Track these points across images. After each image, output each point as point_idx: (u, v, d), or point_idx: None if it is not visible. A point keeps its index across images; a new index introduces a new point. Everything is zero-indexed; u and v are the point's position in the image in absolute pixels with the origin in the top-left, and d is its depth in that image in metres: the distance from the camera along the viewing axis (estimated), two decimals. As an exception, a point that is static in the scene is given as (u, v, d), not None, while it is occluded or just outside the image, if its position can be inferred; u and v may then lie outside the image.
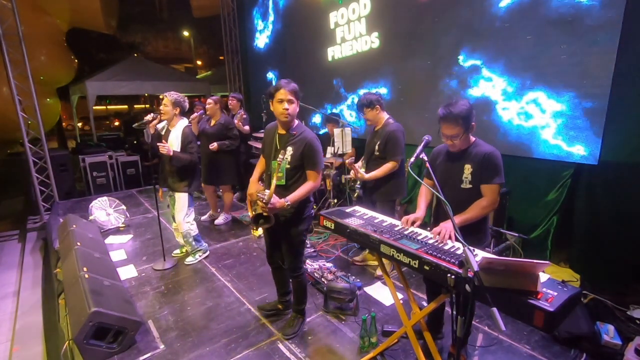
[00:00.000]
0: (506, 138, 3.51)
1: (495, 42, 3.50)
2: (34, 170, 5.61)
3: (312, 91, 6.29)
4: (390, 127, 3.11)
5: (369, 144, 3.27)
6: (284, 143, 2.31)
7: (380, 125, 3.19)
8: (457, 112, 1.89)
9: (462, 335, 1.48)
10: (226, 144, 4.48)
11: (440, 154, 2.18)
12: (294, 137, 2.30)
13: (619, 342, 2.33)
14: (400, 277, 2.13)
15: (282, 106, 2.20)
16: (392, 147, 3.04)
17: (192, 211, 3.68)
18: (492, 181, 1.94)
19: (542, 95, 3.20)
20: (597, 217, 3.01)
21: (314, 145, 2.27)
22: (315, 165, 2.28)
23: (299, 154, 2.27)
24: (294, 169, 2.30)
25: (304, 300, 2.65)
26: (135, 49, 17.02)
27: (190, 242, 3.75)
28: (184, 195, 3.53)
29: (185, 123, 3.50)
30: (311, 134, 2.32)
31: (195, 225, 3.77)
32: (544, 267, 1.36)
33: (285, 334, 2.56)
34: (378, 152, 3.13)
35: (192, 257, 3.81)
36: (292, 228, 2.39)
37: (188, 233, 3.67)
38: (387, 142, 3.06)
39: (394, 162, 3.05)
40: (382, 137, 3.10)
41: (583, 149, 2.98)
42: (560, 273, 3.15)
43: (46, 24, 7.34)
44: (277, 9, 7.19)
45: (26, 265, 4.23)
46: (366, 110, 3.16)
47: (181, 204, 3.56)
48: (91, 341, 2.33)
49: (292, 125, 2.33)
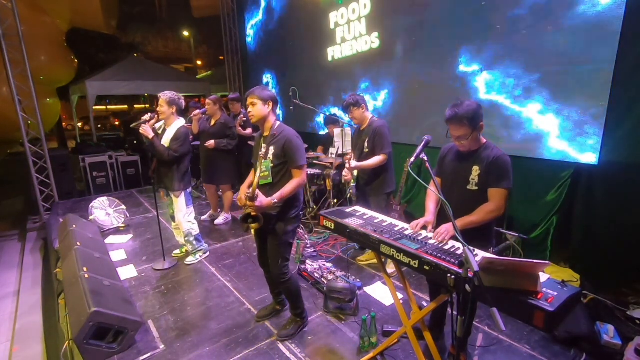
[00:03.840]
0: (506, 138, 3.51)
1: (495, 42, 3.49)
2: (34, 170, 5.61)
3: (312, 91, 6.29)
4: (376, 123, 3.31)
5: (356, 143, 3.47)
6: (267, 143, 2.41)
7: (366, 124, 3.38)
8: (463, 113, 1.89)
9: (462, 335, 1.48)
10: (223, 142, 4.49)
11: (450, 153, 2.18)
12: (275, 137, 2.39)
13: (619, 342, 2.33)
14: (400, 277, 2.13)
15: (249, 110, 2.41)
16: (380, 141, 3.23)
17: (192, 210, 3.69)
18: (500, 185, 1.91)
19: (542, 96, 3.20)
20: (597, 217, 3.01)
21: (292, 142, 2.33)
22: (295, 162, 2.34)
23: (281, 152, 2.35)
24: (278, 166, 2.37)
25: (297, 305, 2.61)
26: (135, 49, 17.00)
27: (192, 242, 3.76)
28: (179, 193, 3.55)
29: (181, 123, 3.51)
30: (290, 132, 2.40)
31: (197, 225, 3.78)
32: (544, 267, 1.36)
33: (279, 335, 2.56)
34: (367, 148, 3.31)
35: (192, 257, 3.81)
36: (277, 226, 2.40)
37: (189, 233, 3.68)
38: (375, 137, 3.25)
39: (384, 155, 3.23)
40: (370, 134, 3.29)
41: (583, 150, 2.98)
42: (560, 273, 3.14)
43: (46, 24, 7.33)
44: (275, 9, 7.19)
45: (26, 265, 4.24)
46: (353, 109, 3.33)
47: (179, 203, 3.57)
48: (91, 341, 2.33)
49: (272, 126, 2.42)
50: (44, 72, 7.18)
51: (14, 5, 5.16)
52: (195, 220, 3.77)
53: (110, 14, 8.84)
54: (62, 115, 10.41)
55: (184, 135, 3.46)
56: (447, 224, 1.89)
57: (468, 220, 1.91)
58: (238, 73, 9.29)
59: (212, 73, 13.25)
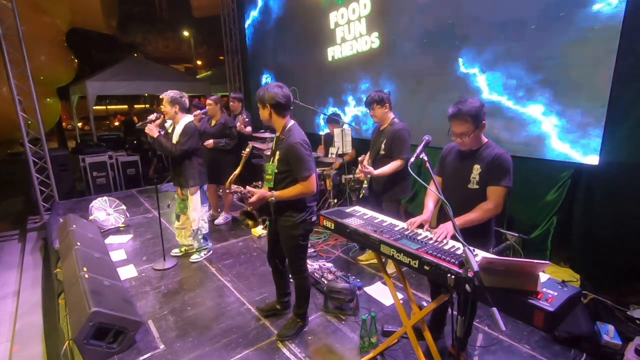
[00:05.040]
0: (506, 138, 3.51)
1: (496, 43, 3.49)
2: (34, 170, 5.61)
3: (312, 91, 6.29)
4: (396, 126, 3.12)
5: (374, 143, 3.29)
6: (277, 146, 2.37)
7: (386, 124, 3.20)
8: (466, 109, 1.89)
9: (462, 335, 1.48)
10: (222, 142, 4.49)
11: (451, 152, 2.17)
12: (282, 141, 2.31)
13: (619, 342, 2.33)
14: (400, 277, 2.13)
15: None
16: (399, 145, 3.06)
17: (206, 208, 3.78)
18: (499, 183, 1.91)
19: (542, 96, 3.20)
20: (597, 217, 3.01)
21: (295, 150, 2.19)
22: (299, 172, 2.21)
23: (285, 159, 2.26)
24: (281, 173, 2.30)
25: (303, 304, 2.60)
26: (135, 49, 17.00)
27: (199, 240, 3.82)
28: (195, 190, 3.60)
29: (188, 119, 3.55)
30: (295, 138, 2.23)
31: (207, 225, 3.86)
32: (544, 267, 1.36)
33: (279, 335, 2.56)
34: (384, 150, 3.14)
35: (197, 255, 3.86)
36: (285, 232, 2.40)
37: (199, 230, 3.74)
38: (394, 140, 3.08)
39: (401, 160, 3.06)
40: (389, 136, 3.11)
41: (583, 150, 2.98)
42: (560, 273, 3.14)
43: (46, 24, 7.33)
44: (276, 9, 7.19)
45: (26, 265, 4.24)
46: (376, 107, 3.15)
47: (194, 202, 3.63)
48: (91, 341, 2.33)
49: (284, 127, 2.33)
50: (44, 72, 7.18)
51: (14, 5, 5.16)
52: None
53: (110, 14, 8.83)
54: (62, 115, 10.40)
55: (191, 130, 3.49)
56: (447, 223, 1.89)
57: (466, 218, 1.91)
58: (238, 73, 9.29)
59: (212, 73, 13.25)
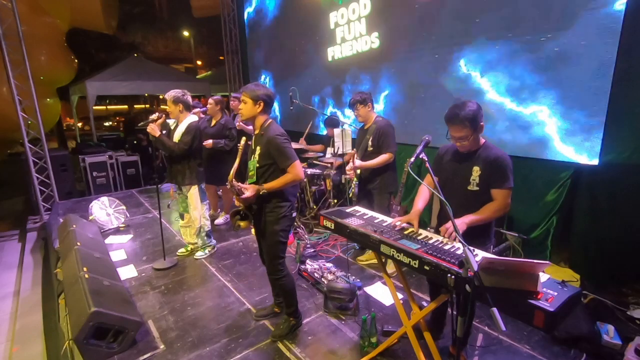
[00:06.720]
0: (506, 139, 3.51)
1: (496, 43, 3.49)
2: (34, 170, 5.61)
3: (312, 91, 6.30)
4: (380, 123, 3.32)
5: (360, 142, 3.47)
6: (256, 143, 2.41)
7: (370, 122, 3.39)
8: (463, 114, 1.88)
9: (462, 335, 1.48)
10: (221, 142, 4.48)
11: (448, 153, 2.16)
12: (261, 136, 2.37)
13: (619, 342, 2.33)
14: (400, 277, 2.13)
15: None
16: (386, 140, 3.25)
17: (206, 206, 3.84)
18: (503, 186, 1.93)
19: (542, 96, 3.20)
20: (597, 217, 3.01)
21: (275, 142, 2.28)
22: (283, 162, 2.29)
23: (267, 153, 2.32)
24: (262, 167, 2.36)
25: (290, 303, 2.61)
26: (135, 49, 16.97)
27: (203, 237, 3.89)
28: (194, 188, 3.63)
29: (192, 118, 3.58)
30: (274, 131, 2.33)
31: (209, 222, 3.92)
32: (544, 267, 1.36)
33: (273, 336, 2.56)
34: (371, 147, 3.32)
35: (201, 252, 3.92)
36: (267, 227, 2.42)
37: (202, 228, 3.81)
38: (380, 136, 3.26)
39: (390, 154, 3.24)
40: (374, 133, 3.30)
41: (583, 150, 2.98)
42: (560, 273, 3.14)
43: (46, 24, 7.32)
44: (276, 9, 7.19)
45: (26, 265, 4.24)
46: (359, 107, 3.35)
47: (193, 200, 3.67)
48: (91, 341, 2.33)
49: (262, 124, 2.40)
50: (44, 72, 7.17)
51: (14, 5, 5.16)
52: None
53: (110, 14, 8.82)
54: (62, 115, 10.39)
55: (194, 129, 3.53)
56: (458, 221, 1.86)
57: (475, 217, 1.89)
58: (238, 73, 9.29)
59: (212, 73, 13.25)
